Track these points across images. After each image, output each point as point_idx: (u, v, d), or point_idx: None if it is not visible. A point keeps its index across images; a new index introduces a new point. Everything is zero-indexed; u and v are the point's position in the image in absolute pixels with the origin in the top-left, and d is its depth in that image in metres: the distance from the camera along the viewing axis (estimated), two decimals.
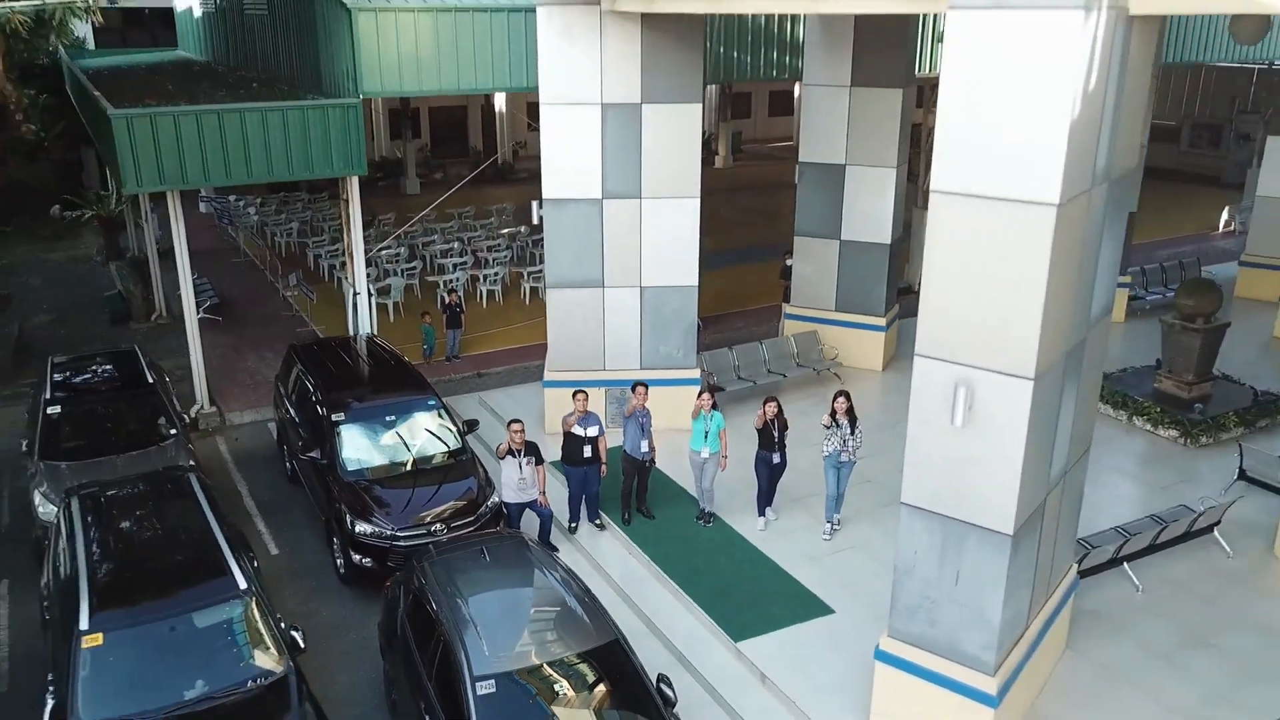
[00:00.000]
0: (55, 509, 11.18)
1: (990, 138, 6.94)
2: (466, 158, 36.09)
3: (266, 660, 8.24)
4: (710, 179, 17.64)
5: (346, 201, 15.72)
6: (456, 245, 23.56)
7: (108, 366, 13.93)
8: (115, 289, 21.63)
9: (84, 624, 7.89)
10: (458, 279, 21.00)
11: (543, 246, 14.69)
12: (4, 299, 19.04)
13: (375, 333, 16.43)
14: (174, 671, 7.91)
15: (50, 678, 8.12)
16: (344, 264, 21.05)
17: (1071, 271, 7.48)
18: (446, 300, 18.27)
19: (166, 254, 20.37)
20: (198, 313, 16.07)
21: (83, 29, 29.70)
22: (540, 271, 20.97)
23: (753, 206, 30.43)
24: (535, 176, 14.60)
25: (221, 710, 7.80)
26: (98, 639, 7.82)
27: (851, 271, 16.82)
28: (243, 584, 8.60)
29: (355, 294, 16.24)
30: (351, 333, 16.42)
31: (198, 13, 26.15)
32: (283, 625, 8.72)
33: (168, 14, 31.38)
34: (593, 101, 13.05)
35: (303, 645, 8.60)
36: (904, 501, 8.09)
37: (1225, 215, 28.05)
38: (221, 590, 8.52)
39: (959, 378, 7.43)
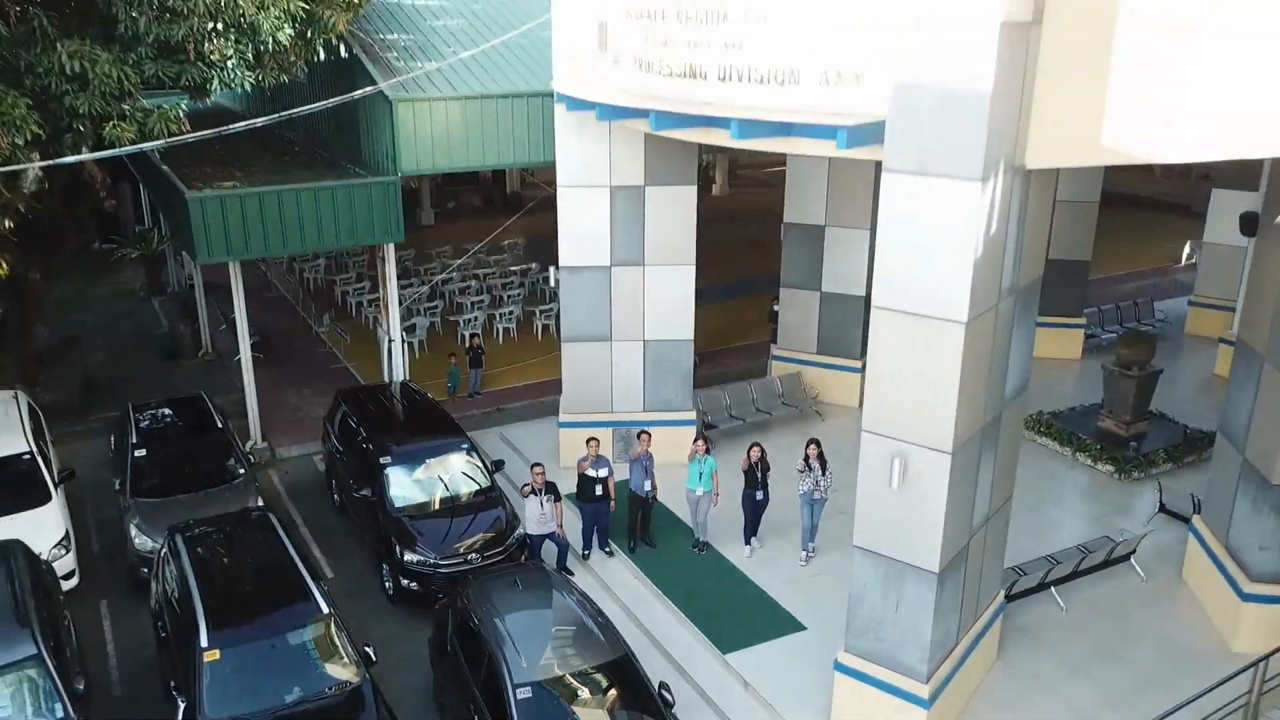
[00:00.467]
0: (150, 541, 13.30)
1: (916, 267, 8.99)
2: (476, 187, 38.12)
3: (346, 672, 10.29)
4: (708, 207, 19.53)
5: (383, 260, 17.77)
6: (474, 284, 25.60)
7: (181, 411, 16.00)
8: (164, 327, 23.68)
9: (205, 642, 9.94)
10: (476, 318, 23.04)
11: (551, 284, 16.68)
12: (72, 340, 21.02)
13: (408, 377, 18.47)
14: (275, 680, 9.96)
15: (173, 684, 10.18)
16: (371, 301, 23.18)
17: (983, 366, 9.53)
18: (470, 343, 20.32)
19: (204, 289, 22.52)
20: (240, 353, 18.10)
21: None
22: (550, 309, 23.08)
23: (749, 237, 32.35)
24: (543, 205, 16.42)
25: (313, 713, 9.85)
26: (216, 654, 9.87)
27: (830, 319, 18.90)
28: (325, 608, 10.66)
29: (390, 341, 18.30)
30: (387, 378, 18.47)
31: None
32: (357, 642, 10.76)
33: None
34: (603, 184, 15.10)
35: (374, 659, 10.64)
36: (855, 545, 10.15)
37: (1186, 249, 30.09)
38: (307, 613, 10.58)
39: (895, 450, 9.49)
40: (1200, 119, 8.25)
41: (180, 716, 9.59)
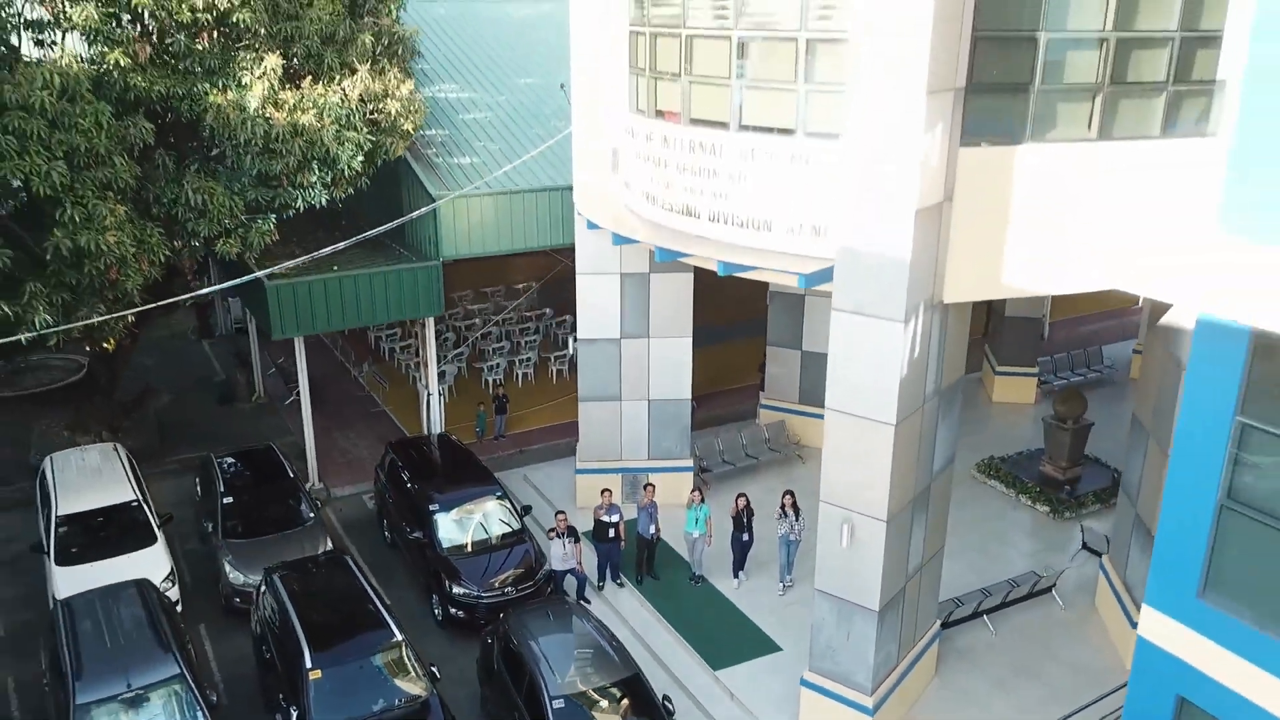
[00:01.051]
0: (241, 576, 16.15)
1: (858, 381, 11.82)
2: None
3: (416, 687, 13.11)
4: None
5: (424, 327, 20.61)
6: (494, 330, 28.43)
7: (257, 461, 18.84)
8: (219, 372, 26.52)
9: (309, 664, 12.76)
10: (499, 364, 25.86)
11: (563, 328, 19.36)
12: (150, 390, 23.82)
13: (445, 429, 21.30)
14: (363, 694, 12.78)
15: (281, 697, 13.00)
16: (404, 347, 25.99)
17: (912, 452, 12.35)
18: (495, 390, 23.17)
19: (243, 331, 25.35)
20: (289, 397, 20.89)
21: None
22: (563, 354, 25.93)
23: (740, 288, 35.11)
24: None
25: None
26: (318, 674, 12.69)
27: (810, 374, 21.70)
28: (398, 634, 13.49)
29: (429, 395, 21.13)
30: (426, 429, 21.31)
31: None
32: (424, 662, 13.58)
33: None
34: (614, 272, 17.92)
35: (439, 676, 13.46)
36: (816, 588, 12.98)
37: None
38: (385, 639, 13.42)
39: (844, 517, 12.32)
40: (1077, 262, 11.08)
41: None
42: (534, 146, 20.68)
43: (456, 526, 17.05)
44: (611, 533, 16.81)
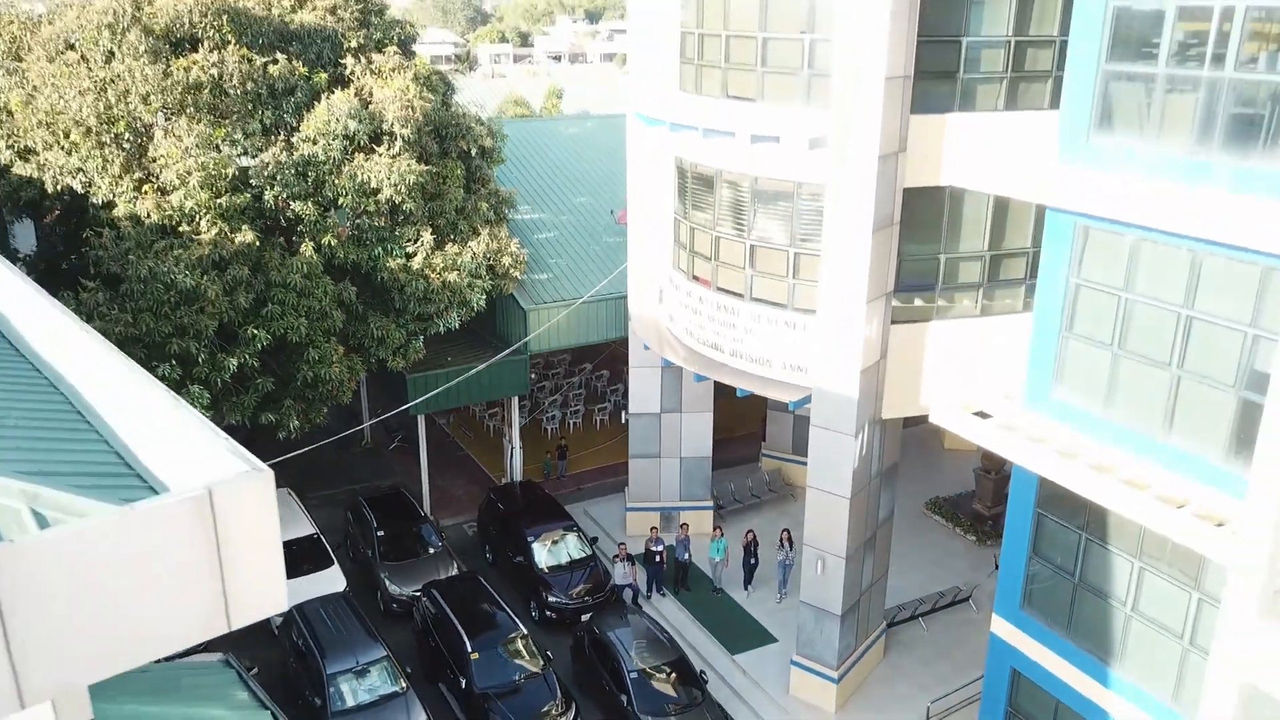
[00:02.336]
0: (397, 588, 22.93)
1: (826, 467, 18.59)
2: None
3: (534, 664, 19.90)
4: None
5: (510, 400, 27.41)
6: (548, 384, 35.24)
7: (393, 500, 25.60)
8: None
9: (469, 648, 19.54)
10: (555, 415, 32.62)
11: (600, 379, 26.29)
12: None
13: (525, 476, 28.14)
14: (504, 668, 19.56)
15: (449, 671, 19.79)
16: (491, 414, 32.70)
17: (861, 513, 19.14)
18: (558, 442, 30.00)
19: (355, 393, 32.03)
20: (391, 444, 27.57)
21: None
22: (604, 405, 32.73)
23: None
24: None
25: (524, 685, 19.44)
26: (476, 655, 19.49)
27: (800, 430, 28.44)
28: (522, 629, 20.30)
29: (513, 448, 27.92)
30: (510, 476, 28.10)
31: None
32: (540, 649, 20.37)
33: None
34: (656, 366, 24.68)
35: (551, 658, 20.25)
36: (801, 600, 19.80)
37: None
38: (514, 631, 20.20)
39: (818, 554, 19.12)
40: (949, 394, 17.85)
41: (462, 687, 19.25)
42: (593, 260, 27.50)
43: (547, 552, 23.83)
44: (657, 558, 23.63)
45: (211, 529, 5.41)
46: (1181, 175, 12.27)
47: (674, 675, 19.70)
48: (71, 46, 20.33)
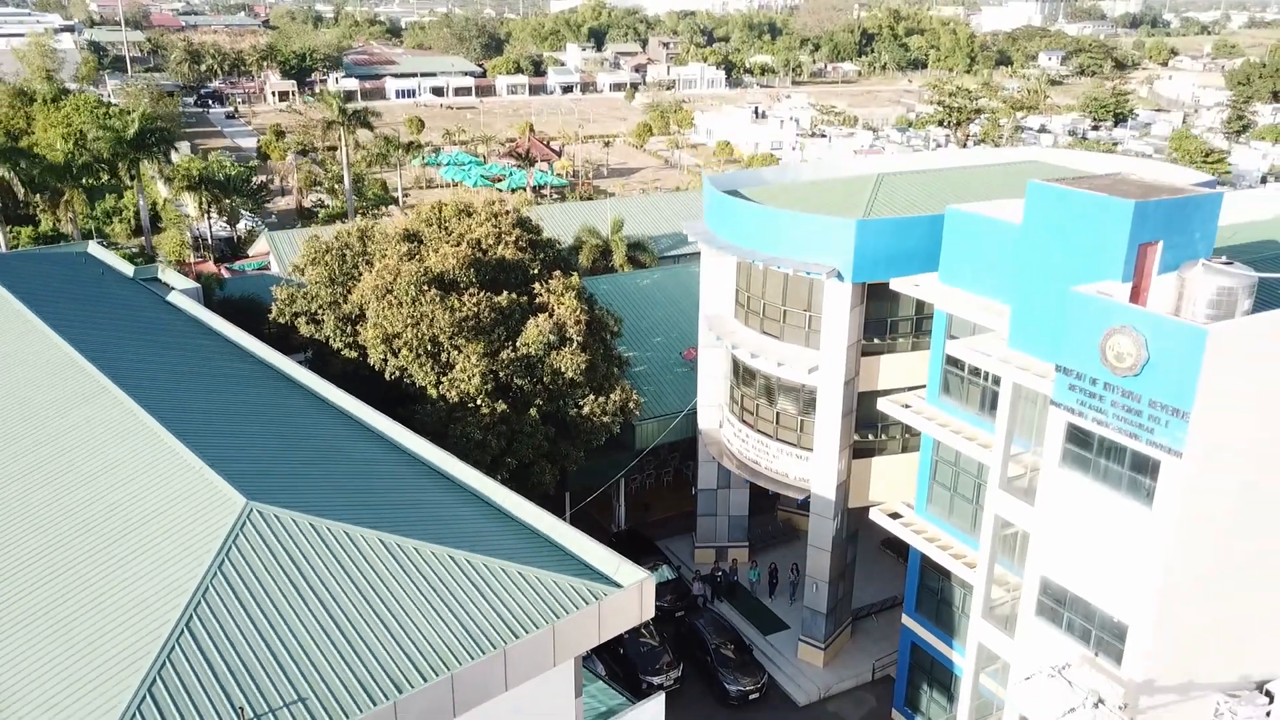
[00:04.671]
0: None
1: (817, 531, 34.58)
2: None
3: (654, 640, 35.91)
4: None
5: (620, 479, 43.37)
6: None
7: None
8: None
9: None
10: (636, 478, 48.40)
11: (675, 459, 42.44)
12: None
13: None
14: (639, 642, 35.54)
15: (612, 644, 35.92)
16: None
17: (839, 557, 35.16)
18: (644, 503, 46.05)
19: None
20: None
21: None
22: (668, 469, 48.67)
23: None
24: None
25: (650, 652, 35.42)
26: (626, 634, 35.54)
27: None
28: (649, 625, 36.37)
29: (620, 507, 43.84)
30: (619, 524, 43.98)
31: None
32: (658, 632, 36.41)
33: None
34: (715, 461, 40.57)
35: (664, 635, 36.23)
36: (805, 604, 35.87)
37: None
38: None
39: (813, 579, 35.18)
40: (892, 490, 33.97)
41: (621, 653, 35.28)
42: (671, 385, 43.49)
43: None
44: (719, 577, 39.69)
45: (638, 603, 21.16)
46: (977, 424, 28.21)
47: (733, 646, 35.75)
48: (390, 291, 36.10)
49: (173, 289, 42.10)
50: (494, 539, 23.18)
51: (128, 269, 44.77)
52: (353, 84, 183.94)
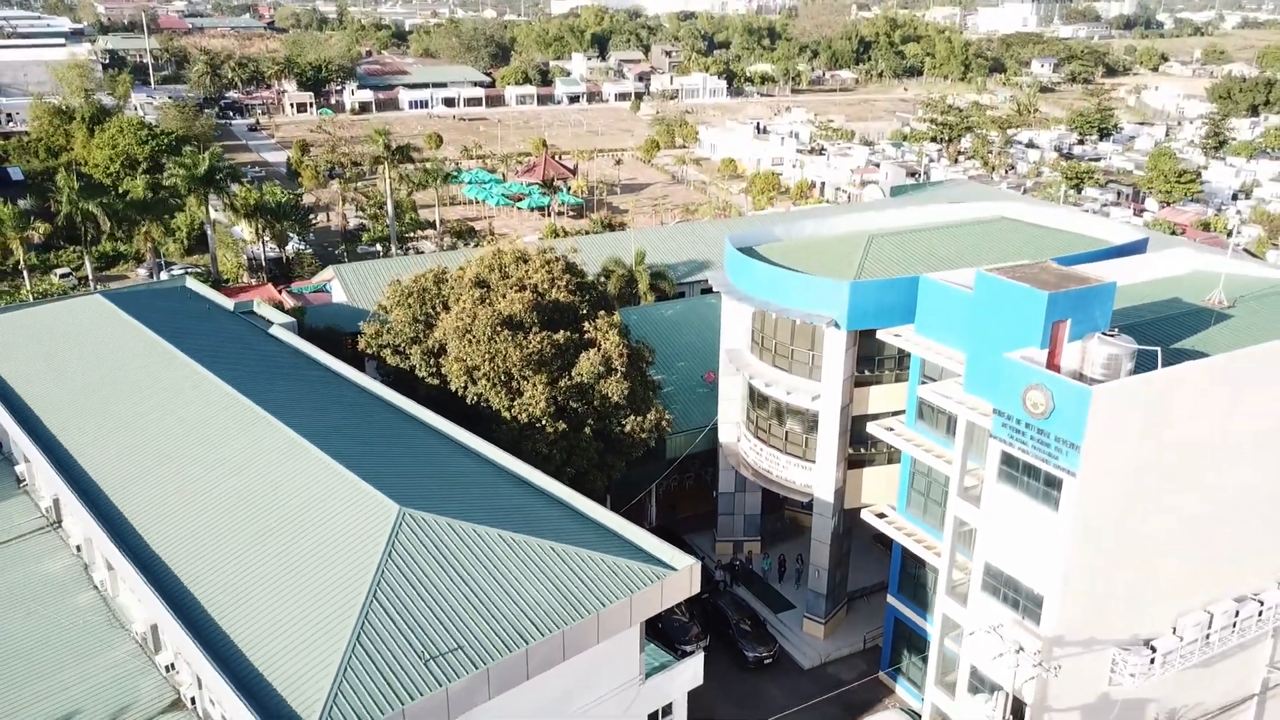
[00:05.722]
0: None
1: (819, 527, 42.56)
2: None
3: (684, 616, 43.94)
4: None
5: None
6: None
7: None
8: None
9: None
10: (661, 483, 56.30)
11: (695, 465, 50.55)
12: None
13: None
14: (672, 617, 43.58)
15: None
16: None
17: (836, 549, 43.15)
18: (672, 504, 54.04)
19: None
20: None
21: None
22: (689, 474, 56.64)
23: None
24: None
25: (681, 625, 43.42)
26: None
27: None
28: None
29: (652, 510, 51.79)
30: (651, 520, 51.94)
31: None
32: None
33: None
34: (733, 469, 48.52)
35: (692, 613, 44.22)
36: (808, 586, 43.89)
37: None
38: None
39: (815, 567, 43.18)
40: (881, 492, 41.95)
41: (659, 627, 43.30)
42: (695, 405, 51.37)
43: None
44: (736, 566, 47.72)
45: (689, 581, 29.19)
46: (944, 444, 36.13)
47: (750, 621, 43.77)
48: (469, 331, 43.96)
49: (271, 323, 49.82)
50: (578, 534, 31.08)
51: (228, 303, 52.54)
52: (367, 95, 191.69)
